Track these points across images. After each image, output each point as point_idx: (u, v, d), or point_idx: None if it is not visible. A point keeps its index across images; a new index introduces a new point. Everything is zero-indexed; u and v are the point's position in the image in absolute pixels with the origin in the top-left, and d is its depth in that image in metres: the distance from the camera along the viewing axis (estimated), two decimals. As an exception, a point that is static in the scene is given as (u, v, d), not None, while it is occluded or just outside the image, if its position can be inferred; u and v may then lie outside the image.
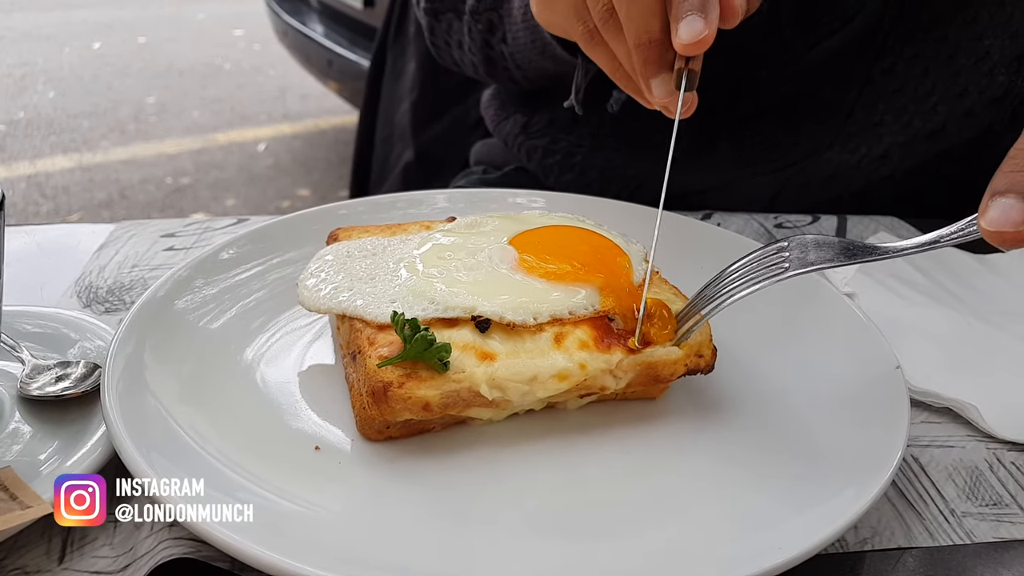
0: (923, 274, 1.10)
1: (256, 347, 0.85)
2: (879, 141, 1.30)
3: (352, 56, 4.12)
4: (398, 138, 2.07)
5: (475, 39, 1.32)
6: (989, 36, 1.20)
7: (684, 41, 0.79)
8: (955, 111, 1.26)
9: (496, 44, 1.29)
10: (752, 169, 1.34)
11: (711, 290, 0.78)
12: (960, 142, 1.31)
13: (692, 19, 0.79)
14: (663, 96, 0.85)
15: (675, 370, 0.79)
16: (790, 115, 1.30)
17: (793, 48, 1.25)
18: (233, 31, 7.89)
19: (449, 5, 1.35)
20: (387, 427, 0.74)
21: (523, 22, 1.19)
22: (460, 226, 0.93)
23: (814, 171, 1.33)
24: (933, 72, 1.23)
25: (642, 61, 0.85)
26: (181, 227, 1.18)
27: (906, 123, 1.28)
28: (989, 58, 1.21)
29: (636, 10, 0.82)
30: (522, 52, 1.25)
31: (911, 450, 0.82)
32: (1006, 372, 0.92)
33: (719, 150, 1.32)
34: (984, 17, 1.19)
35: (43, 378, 0.79)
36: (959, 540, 0.72)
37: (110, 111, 5.80)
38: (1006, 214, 0.60)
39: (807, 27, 1.23)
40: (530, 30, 1.18)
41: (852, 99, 1.28)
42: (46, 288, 1.02)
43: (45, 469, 0.69)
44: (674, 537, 0.66)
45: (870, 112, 1.28)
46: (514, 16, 1.22)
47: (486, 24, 1.27)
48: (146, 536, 0.66)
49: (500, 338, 0.77)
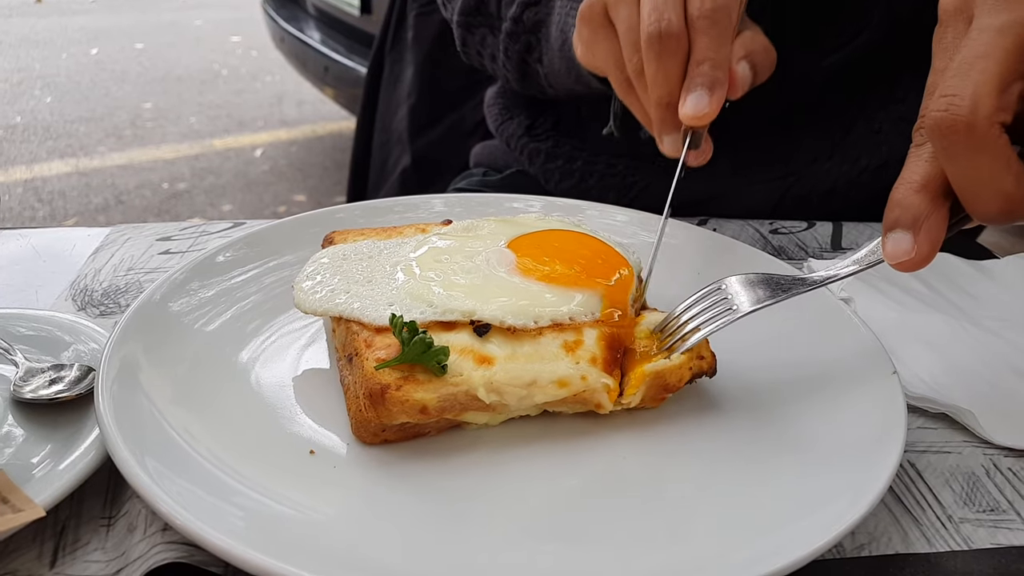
0: (920, 280, 1.10)
1: (251, 350, 0.85)
2: (878, 151, 1.29)
3: (348, 62, 4.13)
4: (395, 143, 2.07)
5: (511, 56, 1.32)
6: None
7: (688, 114, 0.88)
8: None
9: (532, 63, 1.30)
10: (751, 179, 1.34)
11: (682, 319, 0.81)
12: None
13: (699, 94, 0.87)
14: (671, 152, 0.95)
15: (682, 375, 0.79)
16: (790, 126, 1.31)
17: (798, 65, 1.25)
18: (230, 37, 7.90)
19: (484, 21, 1.35)
20: (383, 430, 0.73)
21: (559, 52, 1.20)
22: (456, 229, 0.93)
23: (813, 182, 1.34)
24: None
25: (660, 120, 0.93)
26: (177, 231, 1.18)
27: (904, 132, 1.27)
28: None
29: (661, 75, 0.89)
30: (556, 75, 1.26)
31: (908, 456, 0.81)
32: (1003, 378, 0.91)
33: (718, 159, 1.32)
34: None
35: (37, 381, 0.78)
36: (956, 546, 0.72)
37: (107, 116, 5.80)
38: (899, 246, 0.68)
39: (811, 45, 1.23)
40: (566, 60, 1.19)
41: (853, 112, 1.28)
42: (41, 291, 1.02)
43: (38, 472, 0.69)
44: (669, 543, 0.66)
45: (870, 122, 1.28)
46: (551, 44, 1.23)
47: (524, 45, 1.29)
48: (139, 540, 0.66)
49: (499, 342, 0.77)
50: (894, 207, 0.69)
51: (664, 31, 0.87)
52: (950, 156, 0.64)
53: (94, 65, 6.93)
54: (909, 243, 0.67)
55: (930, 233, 0.67)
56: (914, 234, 0.67)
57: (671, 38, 0.87)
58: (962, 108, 0.62)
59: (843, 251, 1.22)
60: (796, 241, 1.25)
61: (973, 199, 0.65)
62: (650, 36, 0.88)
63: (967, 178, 0.64)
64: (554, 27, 1.21)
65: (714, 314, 0.79)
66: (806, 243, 1.24)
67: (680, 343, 0.79)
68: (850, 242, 1.25)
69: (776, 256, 1.08)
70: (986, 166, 0.62)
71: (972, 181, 0.64)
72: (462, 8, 1.37)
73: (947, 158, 0.65)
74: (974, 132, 0.62)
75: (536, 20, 1.24)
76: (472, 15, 1.36)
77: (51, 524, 0.68)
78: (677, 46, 0.88)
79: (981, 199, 0.65)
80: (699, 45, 0.88)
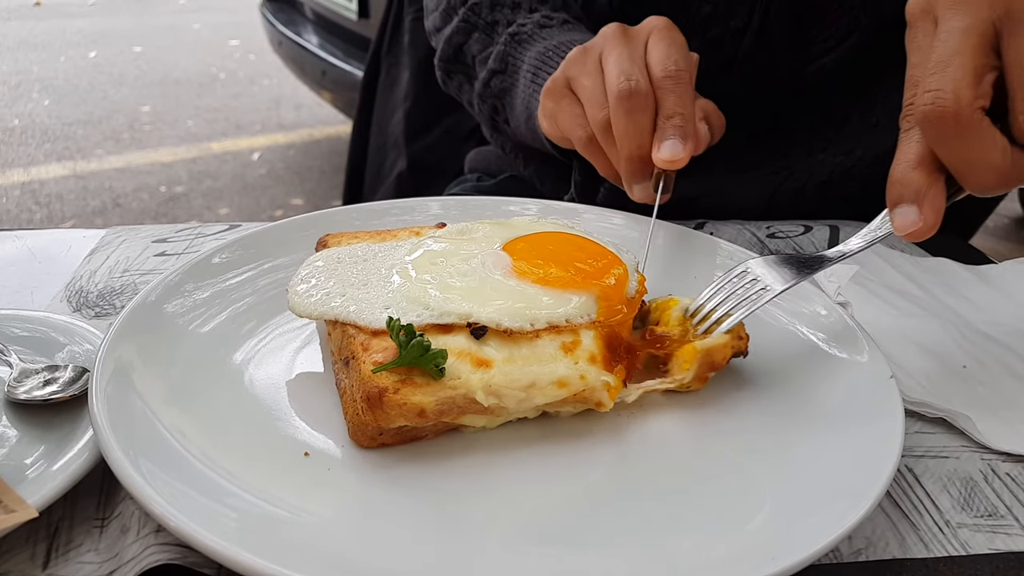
0: (916, 284, 1.10)
1: (245, 352, 0.84)
2: (875, 143, 1.30)
3: (346, 66, 4.13)
4: (391, 147, 2.07)
5: (483, 112, 1.37)
6: None
7: (664, 158, 0.95)
8: None
9: (500, 123, 1.35)
10: (745, 173, 1.34)
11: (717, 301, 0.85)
12: None
13: (674, 142, 0.95)
14: (643, 199, 1.03)
15: (725, 353, 0.81)
16: (784, 120, 1.31)
17: (788, 65, 1.25)
18: (228, 41, 7.90)
19: (459, 70, 1.39)
20: (380, 434, 0.73)
21: (525, 122, 1.24)
22: (451, 232, 0.93)
23: (808, 174, 1.33)
24: None
25: (629, 170, 1.01)
26: (173, 232, 1.17)
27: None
28: None
29: (632, 128, 0.97)
30: (523, 139, 1.31)
31: (905, 460, 0.81)
32: (1000, 382, 0.91)
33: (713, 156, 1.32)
34: None
35: (31, 382, 0.78)
36: (954, 551, 0.71)
37: (105, 119, 5.80)
38: (906, 219, 0.75)
39: (800, 47, 1.23)
40: (531, 130, 1.24)
41: (848, 105, 1.28)
42: (36, 293, 1.02)
43: (31, 473, 0.68)
44: (667, 546, 0.65)
45: (866, 115, 1.28)
46: (516, 112, 1.27)
47: (491, 107, 1.34)
48: (132, 541, 0.65)
49: (496, 344, 0.76)
50: (895, 184, 0.76)
51: (634, 89, 0.96)
52: (942, 142, 0.73)
53: (92, 68, 6.93)
54: (915, 214, 0.74)
55: (933, 203, 0.74)
56: (918, 206, 0.74)
57: (640, 96, 0.96)
58: (947, 101, 0.71)
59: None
60: (793, 245, 1.24)
61: (968, 175, 0.74)
62: (620, 93, 0.96)
63: (960, 159, 0.73)
64: (518, 99, 1.25)
65: (747, 296, 0.84)
66: (803, 247, 1.24)
67: (716, 326, 0.82)
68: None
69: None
70: (975, 145, 0.72)
71: (965, 161, 0.73)
72: (441, 55, 1.41)
73: (940, 144, 0.74)
74: (960, 120, 0.71)
75: (502, 88, 1.29)
76: (450, 63, 1.40)
77: (44, 525, 0.68)
78: (646, 103, 0.96)
79: (975, 175, 0.74)
80: (667, 102, 0.97)
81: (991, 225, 4.49)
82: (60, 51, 7.34)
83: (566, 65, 1.08)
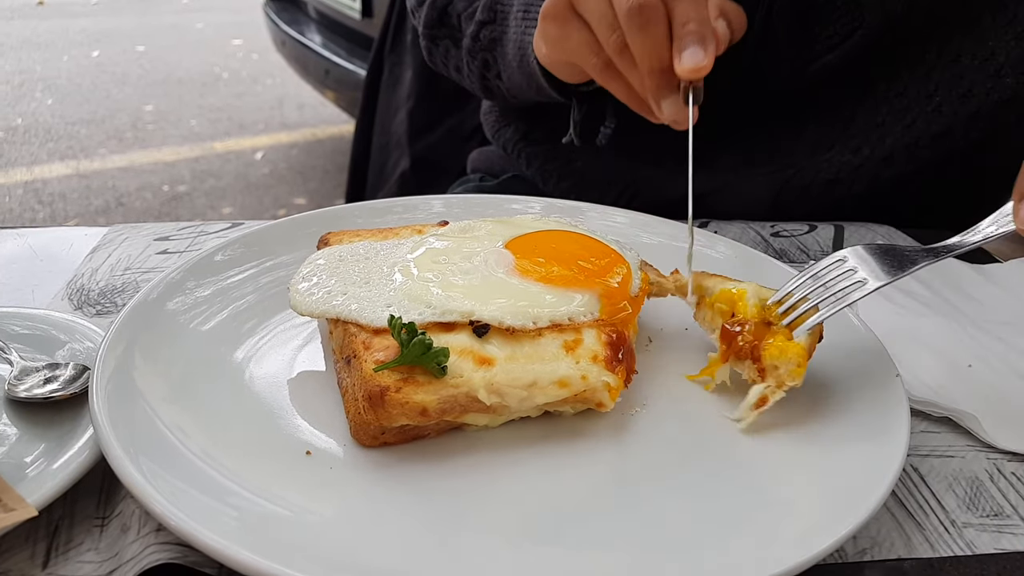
0: (922, 284, 1.10)
1: (247, 350, 0.84)
2: (881, 142, 1.29)
3: (349, 65, 4.13)
4: (394, 146, 2.07)
5: (473, 71, 1.36)
6: (993, 37, 1.19)
7: (687, 68, 0.91)
8: (960, 113, 1.26)
9: (492, 79, 1.34)
10: (752, 171, 1.33)
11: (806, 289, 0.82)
12: (966, 145, 1.30)
13: (693, 50, 0.91)
14: (674, 114, 0.97)
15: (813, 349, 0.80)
16: (790, 118, 1.30)
17: (792, 63, 1.25)
18: (232, 40, 7.90)
19: (446, 33, 1.38)
20: (382, 433, 0.73)
21: (518, 67, 1.23)
22: (453, 230, 0.93)
23: (815, 173, 1.33)
24: (936, 74, 1.23)
25: (655, 86, 0.96)
26: (175, 231, 1.17)
27: (909, 124, 1.27)
28: (995, 59, 1.21)
29: (649, 42, 0.93)
30: (517, 89, 1.29)
31: (911, 460, 0.81)
32: (1005, 382, 0.91)
33: (722, 152, 1.32)
34: (987, 19, 1.18)
35: (31, 380, 0.78)
36: (960, 551, 0.71)
37: (108, 119, 5.80)
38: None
39: (804, 44, 1.23)
40: (525, 74, 1.22)
41: (853, 103, 1.28)
42: (37, 290, 1.01)
43: (31, 472, 0.68)
44: (671, 546, 0.65)
45: (872, 114, 1.28)
46: (508, 59, 1.26)
47: (481, 62, 1.33)
48: (132, 540, 0.65)
49: (498, 343, 0.76)
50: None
51: (644, 2, 0.92)
52: None
53: (95, 67, 6.93)
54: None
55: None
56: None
57: (651, 8, 0.92)
58: None
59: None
60: (798, 244, 1.24)
61: None
62: (631, 9, 0.92)
63: None
64: (510, 44, 1.24)
65: (841, 288, 0.79)
66: (807, 246, 1.24)
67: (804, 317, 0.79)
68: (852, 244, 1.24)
69: (778, 259, 1.07)
70: None
71: None
72: (426, 21, 1.40)
73: None
74: None
75: (492, 38, 1.28)
76: (435, 27, 1.39)
77: (44, 524, 0.68)
78: (658, 14, 0.92)
79: None
80: (679, 9, 0.93)
81: (995, 225, 4.47)
82: (63, 50, 7.34)
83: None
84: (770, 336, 0.79)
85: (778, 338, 0.79)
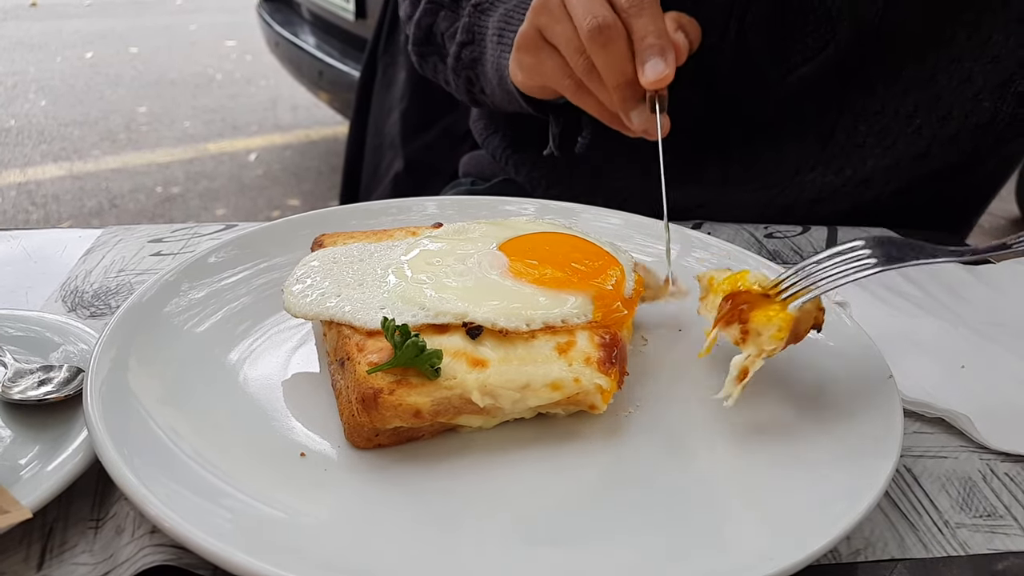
0: (915, 285, 1.10)
1: (241, 352, 0.84)
2: (863, 164, 1.31)
3: (343, 67, 4.13)
4: (388, 148, 2.06)
5: (459, 86, 1.40)
6: (969, 59, 1.20)
7: (650, 79, 0.99)
8: (939, 135, 1.27)
9: (478, 93, 1.39)
10: (738, 188, 1.34)
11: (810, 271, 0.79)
12: (945, 166, 1.32)
13: (655, 62, 0.99)
14: (642, 123, 1.05)
15: (808, 323, 0.80)
16: (772, 136, 1.32)
17: (767, 75, 1.26)
18: (225, 42, 7.90)
19: (433, 51, 1.43)
20: (376, 435, 0.73)
21: (498, 85, 1.26)
22: (447, 232, 0.93)
23: (798, 192, 1.35)
24: (914, 93, 1.24)
25: (621, 99, 1.04)
26: (168, 232, 1.17)
27: (889, 145, 1.29)
28: (972, 83, 1.22)
29: (612, 59, 1.01)
30: (501, 103, 1.33)
31: (904, 460, 0.81)
32: (998, 383, 0.91)
33: (706, 168, 1.34)
34: (961, 38, 1.19)
35: (25, 382, 0.77)
36: (953, 551, 0.71)
37: (101, 120, 5.79)
38: None
39: (778, 56, 1.24)
40: (505, 92, 1.26)
41: (832, 120, 1.29)
42: (31, 292, 1.01)
43: (26, 474, 0.68)
44: (664, 547, 0.65)
45: (851, 134, 1.29)
46: (489, 78, 1.29)
47: (465, 80, 1.37)
48: (127, 542, 0.65)
49: (492, 344, 0.76)
50: None
51: (602, 24, 0.99)
52: None
53: (89, 69, 6.92)
54: None
55: None
56: None
57: (609, 28, 0.99)
58: None
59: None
60: (791, 245, 1.24)
61: None
62: (591, 31, 0.99)
63: None
64: (488, 65, 1.28)
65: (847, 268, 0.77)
66: (801, 247, 1.24)
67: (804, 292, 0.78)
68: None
69: (771, 260, 1.07)
70: None
71: None
72: (414, 39, 1.44)
73: None
74: None
75: (472, 58, 1.32)
76: (423, 45, 1.44)
77: (38, 526, 0.67)
78: (616, 33, 0.99)
79: None
80: (637, 25, 1.00)
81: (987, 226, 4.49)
82: (56, 52, 7.33)
83: (532, 16, 1.08)
84: (765, 305, 0.78)
85: (772, 307, 0.78)
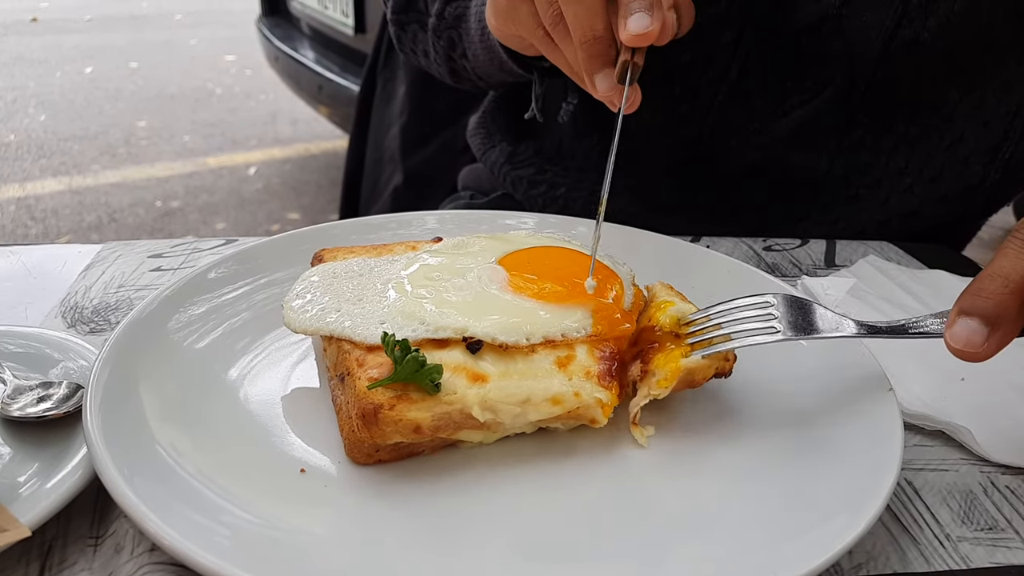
0: (913, 296, 1.10)
1: (241, 368, 0.84)
2: (856, 218, 1.33)
3: (342, 81, 4.14)
4: (387, 162, 2.07)
5: (439, 52, 1.37)
6: (961, 120, 1.22)
7: (632, 32, 0.85)
8: (930, 195, 1.30)
9: (458, 59, 1.35)
10: (730, 228, 1.35)
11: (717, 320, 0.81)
12: (934, 225, 1.35)
13: (640, 15, 0.85)
14: (606, 89, 0.92)
15: (706, 374, 0.80)
16: (762, 181, 1.33)
17: (762, 116, 1.26)
18: (225, 56, 7.92)
19: (413, 17, 1.40)
20: (376, 450, 0.73)
21: (480, 42, 1.24)
22: (447, 247, 0.93)
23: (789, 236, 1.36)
24: (904, 149, 1.26)
25: (586, 57, 0.92)
26: (168, 247, 1.17)
27: (883, 201, 1.31)
28: (964, 144, 1.23)
29: (581, 10, 0.89)
30: (482, 67, 1.30)
31: (905, 474, 0.81)
32: (999, 395, 0.91)
33: (698, 205, 1.35)
34: (954, 97, 1.21)
35: (24, 399, 0.77)
36: (955, 565, 0.71)
37: (101, 135, 5.80)
38: (970, 336, 0.66)
39: (776, 97, 1.25)
40: (487, 49, 1.23)
41: (823, 170, 1.30)
42: (31, 308, 1.01)
43: (25, 491, 0.68)
44: (665, 562, 0.65)
45: (843, 185, 1.30)
46: (472, 36, 1.27)
47: (447, 41, 1.33)
48: (126, 560, 0.65)
49: (492, 359, 0.76)
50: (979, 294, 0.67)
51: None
52: None
53: (88, 83, 6.94)
54: (982, 337, 0.66)
55: (1007, 336, 0.67)
56: (991, 331, 0.66)
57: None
58: None
59: (836, 268, 1.22)
60: (790, 258, 1.24)
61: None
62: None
63: None
64: (472, 19, 1.25)
65: (754, 328, 0.79)
66: (800, 260, 1.24)
67: (708, 344, 0.79)
68: (843, 259, 1.25)
69: (770, 273, 1.08)
70: None
71: None
72: (394, 7, 1.41)
73: None
74: None
75: (456, 14, 1.28)
76: (403, 12, 1.41)
77: (37, 544, 0.67)
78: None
79: None
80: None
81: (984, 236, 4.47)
82: (56, 66, 7.35)
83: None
84: (672, 345, 0.80)
85: (676, 351, 0.79)
